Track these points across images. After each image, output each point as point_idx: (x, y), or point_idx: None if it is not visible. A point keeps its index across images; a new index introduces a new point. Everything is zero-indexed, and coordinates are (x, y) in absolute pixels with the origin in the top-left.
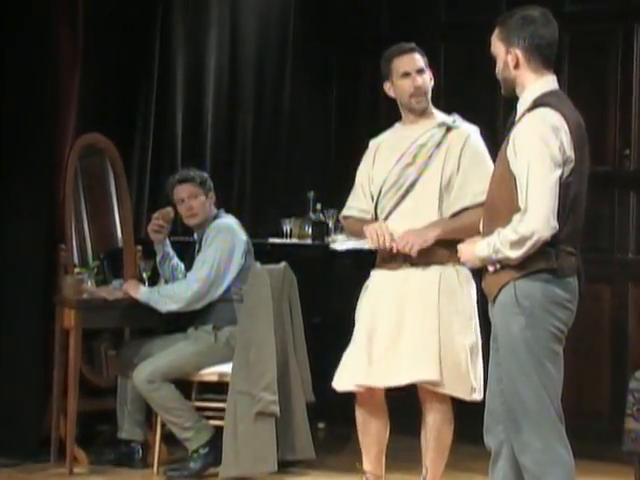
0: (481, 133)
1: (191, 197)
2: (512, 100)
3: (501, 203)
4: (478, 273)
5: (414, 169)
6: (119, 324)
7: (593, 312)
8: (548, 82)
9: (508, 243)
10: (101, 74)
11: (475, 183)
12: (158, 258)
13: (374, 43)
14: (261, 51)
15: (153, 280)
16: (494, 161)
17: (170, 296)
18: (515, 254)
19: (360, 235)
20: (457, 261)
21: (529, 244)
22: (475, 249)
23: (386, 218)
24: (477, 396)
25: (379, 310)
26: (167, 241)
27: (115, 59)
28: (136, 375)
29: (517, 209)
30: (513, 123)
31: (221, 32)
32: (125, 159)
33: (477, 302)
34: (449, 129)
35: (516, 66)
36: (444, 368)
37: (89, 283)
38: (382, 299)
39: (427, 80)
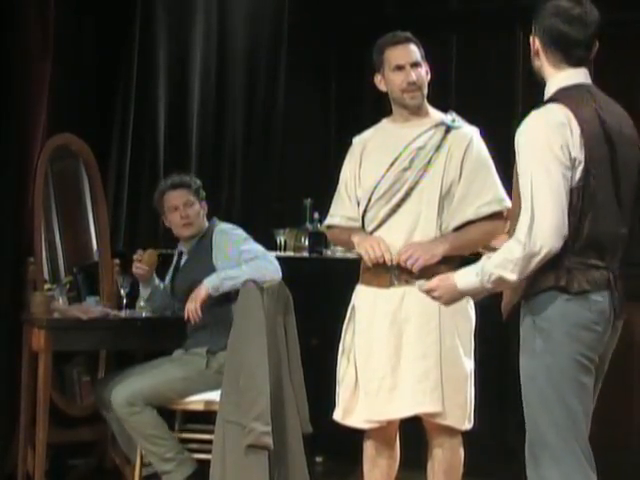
0: (498, 134)
1: (187, 205)
2: (533, 97)
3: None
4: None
5: (411, 174)
6: (94, 346)
7: (624, 335)
8: (569, 76)
9: (511, 262)
10: (75, 68)
11: (478, 194)
12: (145, 296)
13: (379, 32)
14: (252, 42)
15: (132, 297)
16: (502, 165)
17: (262, 271)
18: (516, 276)
19: (348, 247)
20: None
21: (536, 260)
22: (456, 283)
23: (377, 229)
24: (469, 425)
25: (373, 335)
26: (154, 275)
27: (90, 51)
28: (115, 396)
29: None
30: None
31: (208, 21)
32: (101, 163)
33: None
34: (448, 130)
35: (537, 54)
36: (446, 397)
37: (61, 300)
38: (375, 322)
39: (423, 75)
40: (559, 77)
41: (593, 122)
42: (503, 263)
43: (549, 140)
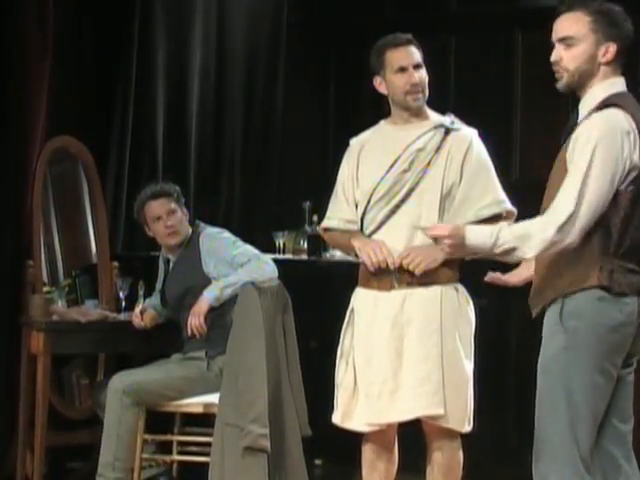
0: (494, 136)
1: (170, 214)
2: (532, 97)
3: None
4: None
5: (411, 176)
6: (93, 349)
7: None
8: (617, 83)
9: (535, 239)
10: (74, 68)
11: (479, 196)
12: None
13: (378, 33)
14: (251, 44)
15: (131, 300)
16: (501, 165)
17: (259, 272)
18: (532, 253)
19: (347, 250)
20: (457, 280)
21: (557, 248)
22: (466, 237)
23: (375, 231)
24: (469, 427)
25: (374, 338)
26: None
27: (89, 52)
28: (114, 380)
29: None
30: (575, 124)
31: (207, 21)
32: (100, 165)
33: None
34: (447, 131)
35: (608, 62)
36: (447, 400)
37: (60, 303)
38: (375, 325)
39: (424, 76)
40: (608, 83)
41: None
42: (526, 237)
43: (623, 150)
